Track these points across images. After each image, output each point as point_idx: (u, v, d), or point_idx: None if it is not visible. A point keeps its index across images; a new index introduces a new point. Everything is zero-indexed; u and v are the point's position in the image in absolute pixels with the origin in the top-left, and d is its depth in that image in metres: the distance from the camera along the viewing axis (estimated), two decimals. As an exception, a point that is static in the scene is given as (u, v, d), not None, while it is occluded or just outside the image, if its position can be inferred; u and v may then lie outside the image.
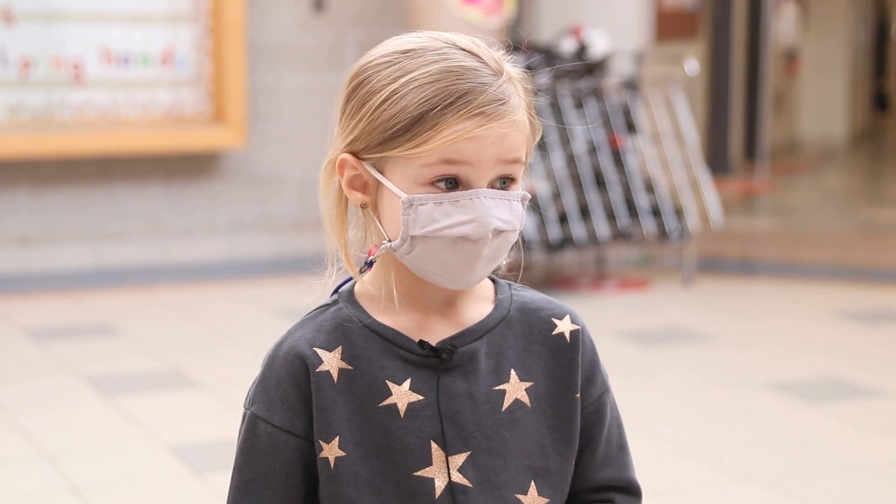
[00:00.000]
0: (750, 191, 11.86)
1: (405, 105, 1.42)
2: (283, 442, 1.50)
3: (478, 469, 1.50)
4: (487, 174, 1.44)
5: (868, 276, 7.54)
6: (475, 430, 1.50)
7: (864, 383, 5.23)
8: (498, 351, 1.53)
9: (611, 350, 5.85)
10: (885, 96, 21.29)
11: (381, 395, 1.49)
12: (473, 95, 1.42)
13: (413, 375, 1.50)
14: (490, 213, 1.44)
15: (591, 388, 1.59)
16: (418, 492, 1.48)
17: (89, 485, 4.05)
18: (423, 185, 1.44)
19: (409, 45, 1.47)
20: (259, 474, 1.51)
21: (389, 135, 1.43)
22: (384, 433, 1.49)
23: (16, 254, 7.28)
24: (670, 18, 9.82)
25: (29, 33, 7.18)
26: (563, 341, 1.56)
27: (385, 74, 1.45)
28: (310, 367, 1.50)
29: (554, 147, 7.08)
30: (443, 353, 1.49)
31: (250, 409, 1.53)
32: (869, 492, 4.05)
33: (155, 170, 7.56)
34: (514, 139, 1.45)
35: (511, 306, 1.56)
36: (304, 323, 1.55)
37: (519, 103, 1.46)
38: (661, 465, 4.28)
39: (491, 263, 1.48)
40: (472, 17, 7.42)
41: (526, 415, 1.53)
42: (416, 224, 1.44)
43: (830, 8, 16.86)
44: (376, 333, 1.51)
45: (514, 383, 1.53)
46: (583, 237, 7.02)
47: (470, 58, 1.45)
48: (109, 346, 5.85)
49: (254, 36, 7.70)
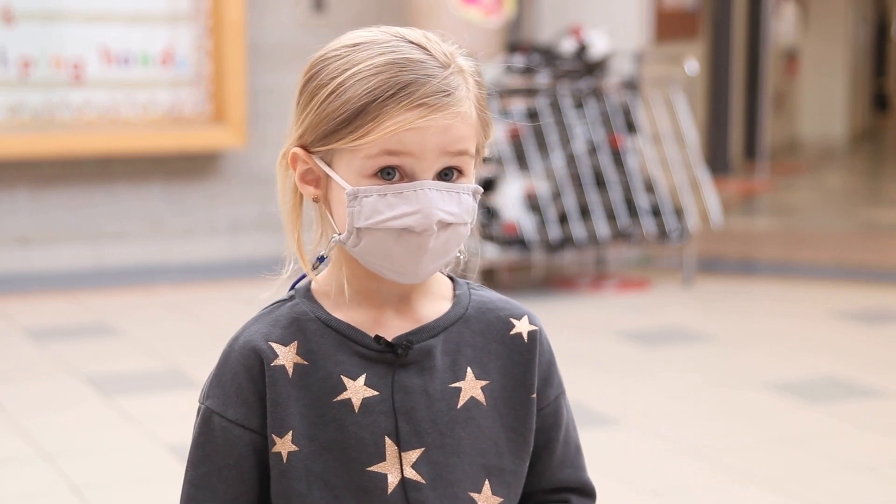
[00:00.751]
0: (750, 191, 11.86)
1: (349, 97, 1.43)
2: (238, 436, 1.50)
3: (431, 466, 1.50)
4: (431, 166, 1.44)
5: (868, 276, 7.54)
6: (429, 427, 1.50)
7: (864, 383, 5.23)
8: (455, 348, 1.53)
9: (611, 350, 5.85)
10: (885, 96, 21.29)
11: (336, 391, 1.49)
12: (416, 87, 1.42)
13: (368, 371, 1.50)
14: (434, 204, 1.43)
15: (549, 389, 1.58)
16: (371, 487, 1.48)
17: (89, 485, 4.05)
18: (367, 178, 1.44)
19: (358, 38, 1.48)
20: (214, 468, 1.51)
21: (333, 126, 1.44)
22: (338, 428, 1.49)
23: (16, 254, 7.28)
24: (670, 18, 9.82)
25: (29, 33, 7.19)
26: (520, 341, 1.56)
27: (333, 68, 1.46)
28: (265, 361, 1.50)
29: (554, 147, 7.08)
30: (398, 348, 1.50)
31: (205, 404, 1.53)
32: (869, 492, 4.05)
33: (155, 170, 7.56)
34: (458, 130, 1.45)
35: (469, 305, 1.56)
36: (260, 318, 1.55)
37: (466, 95, 1.46)
38: (661, 465, 4.28)
39: (440, 257, 1.47)
40: (472, 17, 7.43)
41: (481, 413, 1.53)
42: (360, 216, 1.44)
43: (830, 8, 16.86)
44: (332, 328, 1.51)
45: (470, 381, 1.53)
46: (583, 237, 7.02)
47: (417, 50, 1.45)
48: (109, 346, 5.85)
49: (254, 36, 7.70)
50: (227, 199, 7.74)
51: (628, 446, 4.50)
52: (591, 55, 7.33)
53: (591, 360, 5.65)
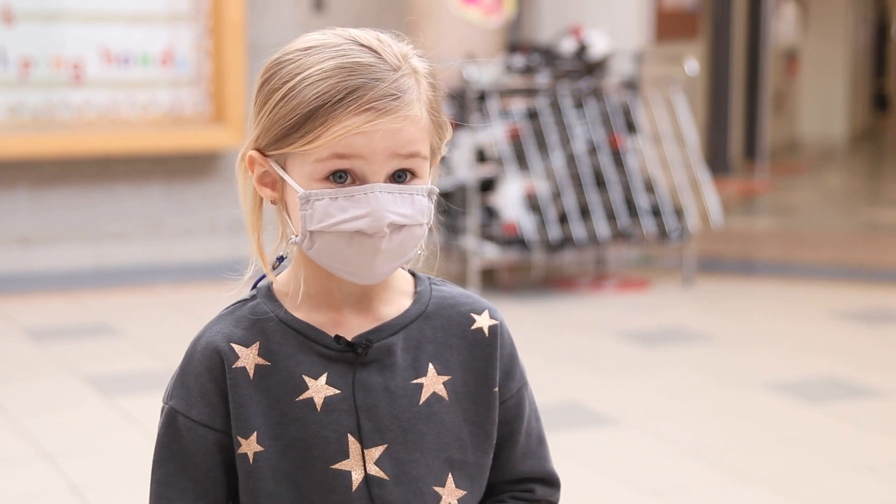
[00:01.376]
0: (750, 191, 11.86)
1: (299, 101, 1.45)
2: (202, 436, 1.52)
3: (394, 462, 1.51)
4: (382, 168, 1.45)
5: (868, 276, 7.54)
6: (392, 424, 1.51)
7: (864, 383, 5.23)
8: (416, 345, 1.54)
9: (611, 350, 5.85)
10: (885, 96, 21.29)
11: (298, 390, 1.51)
12: (364, 91, 1.44)
13: (329, 370, 1.52)
14: (385, 207, 1.44)
15: (510, 383, 1.60)
16: (335, 485, 1.50)
17: (89, 485, 4.05)
18: (319, 181, 1.46)
19: (311, 42, 1.49)
20: (181, 467, 1.53)
21: (285, 131, 1.46)
22: (301, 427, 1.50)
23: (16, 254, 7.28)
24: (670, 18, 9.82)
25: (29, 33, 7.19)
26: (481, 336, 1.58)
27: (285, 72, 1.48)
28: (226, 362, 1.52)
29: (554, 147, 7.08)
30: (358, 347, 1.51)
31: (169, 404, 1.55)
32: (869, 492, 4.05)
33: (155, 170, 7.56)
34: (408, 133, 1.45)
35: (430, 301, 1.57)
36: (221, 318, 1.57)
37: (417, 98, 1.47)
38: (661, 465, 4.28)
39: (395, 259, 1.49)
40: (472, 17, 7.43)
41: (443, 408, 1.54)
42: (312, 219, 1.46)
43: (830, 8, 16.86)
44: (292, 329, 1.53)
45: (432, 377, 1.54)
46: (583, 237, 7.02)
47: (367, 53, 1.47)
48: (109, 346, 5.85)
49: (254, 36, 7.70)
50: (227, 199, 7.74)
51: (628, 446, 4.50)
52: (591, 55, 7.33)
53: (591, 360, 5.65)
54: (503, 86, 7.10)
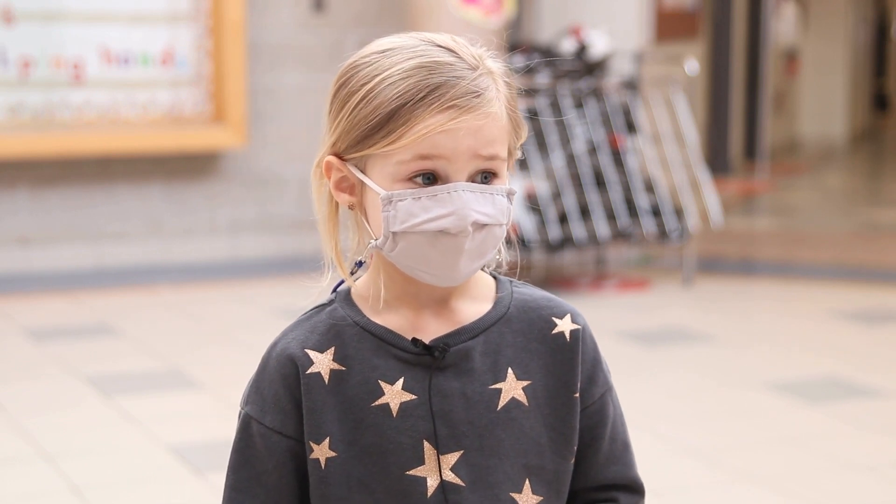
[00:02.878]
0: (750, 191, 11.86)
1: (380, 102, 1.43)
2: (275, 443, 1.51)
3: (470, 468, 1.50)
4: (464, 168, 1.44)
5: (868, 276, 7.54)
6: (468, 430, 1.50)
7: (864, 383, 5.23)
8: (495, 349, 1.53)
9: (611, 350, 5.86)
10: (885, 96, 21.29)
11: (374, 395, 1.50)
12: (446, 89, 1.43)
13: (406, 374, 1.50)
14: (469, 206, 1.43)
15: (593, 388, 1.58)
16: (410, 491, 1.49)
17: (89, 485, 4.05)
18: (401, 182, 1.44)
19: (387, 45, 1.49)
20: (254, 473, 1.53)
21: (365, 132, 1.45)
22: (376, 433, 1.49)
23: (16, 254, 7.28)
24: (670, 18, 9.82)
25: (29, 33, 7.18)
26: (562, 340, 1.56)
27: (363, 74, 1.46)
28: (300, 369, 1.51)
29: (554, 147, 7.08)
30: (435, 351, 1.50)
31: (245, 409, 1.54)
32: (869, 492, 4.05)
33: (155, 170, 7.56)
34: (490, 131, 1.45)
35: (511, 304, 1.55)
36: (298, 324, 1.56)
37: (496, 96, 1.47)
38: (661, 465, 4.28)
39: (477, 259, 1.48)
40: (472, 17, 7.43)
41: (522, 413, 1.52)
42: (395, 220, 1.45)
43: (830, 8, 16.86)
44: (369, 333, 1.51)
45: (511, 382, 1.53)
46: (583, 237, 7.02)
47: (445, 53, 1.46)
48: (109, 346, 5.85)
49: (254, 36, 7.70)
50: (227, 199, 7.74)
51: (628, 446, 4.49)
52: (591, 55, 7.33)
53: (591, 360, 5.65)
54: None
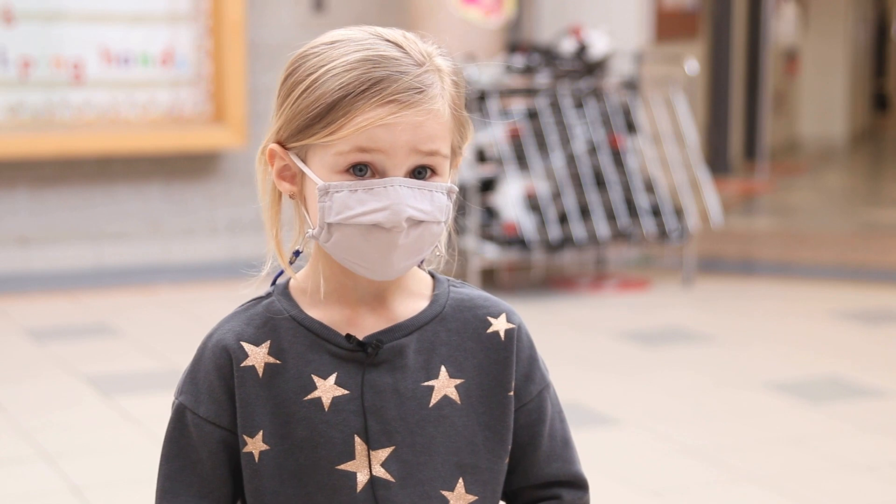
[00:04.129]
0: (750, 191, 11.86)
1: (322, 92, 1.44)
2: (209, 433, 1.52)
3: (401, 464, 1.51)
4: (402, 163, 1.45)
5: (868, 276, 7.54)
6: (399, 426, 1.51)
7: (864, 383, 5.23)
8: (429, 347, 1.53)
9: (611, 350, 5.85)
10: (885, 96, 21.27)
11: (306, 389, 1.51)
12: (388, 83, 1.43)
13: (339, 370, 1.51)
14: (404, 201, 1.44)
15: (530, 386, 1.58)
16: (340, 485, 1.50)
17: (89, 485, 4.05)
18: (340, 174, 1.45)
19: (336, 36, 1.50)
20: (188, 463, 1.53)
21: (307, 122, 1.46)
22: (308, 426, 1.50)
23: (16, 254, 7.28)
24: (670, 18, 9.82)
25: (29, 33, 7.18)
26: (497, 340, 1.57)
27: (310, 65, 1.47)
28: (234, 361, 1.52)
29: (554, 147, 7.08)
30: (368, 347, 1.50)
31: (178, 399, 1.55)
32: (869, 492, 4.05)
33: (155, 170, 7.56)
34: (430, 128, 1.45)
35: (447, 303, 1.56)
36: (235, 315, 1.57)
37: (440, 94, 1.47)
38: (661, 465, 4.28)
39: (412, 256, 1.48)
40: (472, 17, 7.42)
41: (454, 411, 1.53)
42: (331, 211, 1.45)
43: (830, 8, 16.85)
44: (304, 327, 1.52)
45: (444, 380, 1.53)
46: (583, 237, 7.02)
47: (392, 48, 1.47)
48: (109, 345, 5.85)
49: (254, 36, 7.70)
50: (227, 199, 7.74)
51: (628, 446, 4.50)
52: (591, 55, 7.33)
53: (591, 360, 5.65)
54: (503, 86, 7.10)
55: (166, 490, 1.54)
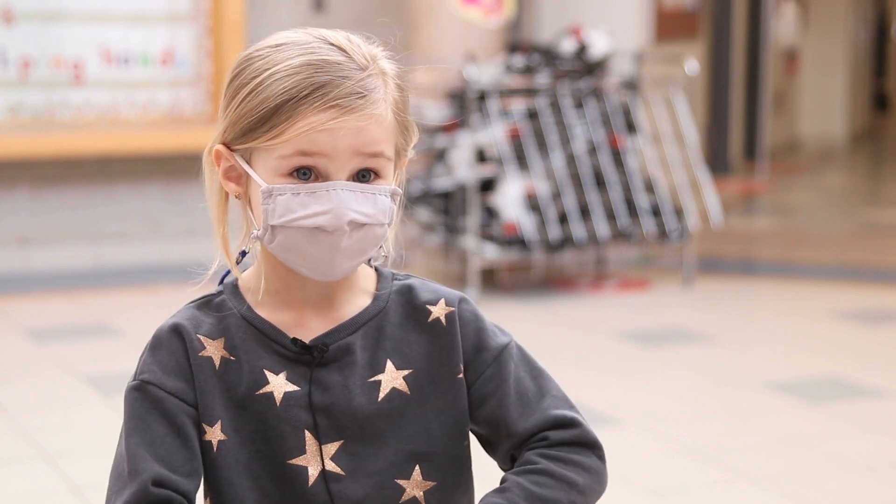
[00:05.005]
0: (750, 191, 11.86)
1: (266, 96, 1.47)
2: (177, 406, 1.52)
3: (350, 457, 1.53)
4: (345, 166, 1.47)
5: (868, 276, 7.54)
6: (349, 421, 1.53)
7: (864, 383, 5.23)
8: (374, 343, 1.56)
9: (611, 350, 5.85)
10: (885, 96, 21.27)
11: (259, 384, 1.53)
12: (330, 88, 1.45)
13: (288, 369, 1.54)
14: (346, 205, 1.46)
15: (482, 354, 1.59)
16: (292, 479, 1.52)
17: (89, 485, 4.05)
18: (283, 177, 1.48)
19: (281, 39, 1.52)
20: (157, 437, 1.51)
21: (251, 125, 1.48)
22: (260, 420, 1.52)
23: (16, 254, 7.28)
24: (670, 18, 9.82)
25: (29, 33, 7.19)
26: (439, 325, 1.58)
27: (254, 68, 1.50)
28: (191, 350, 1.54)
29: (554, 147, 7.08)
30: (315, 350, 1.53)
31: (139, 378, 1.54)
32: (869, 492, 4.05)
33: (155, 170, 7.56)
34: (372, 133, 1.47)
35: (390, 298, 1.59)
36: (187, 309, 1.60)
37: (383, 98, 1.49)
38: (661, 465, 4.29)
39: (355, 257, 1.50)
40: (472, 17, 7.43)
41: (405, 402, 1.55)
42: (274, 214, 1.48)
43: (830, 8, 16.85)
44: (254, 326, 1.55)
45: (391, 373, 1.55)
46: (583, 237, 7.02)
47: (335, 52, 1.48)
48: (109, 345, 5.85)
49: (254, 36, 7.70)
50: (227, 199, 7.73)
51: (628, 446, 4.49)
52: (591, 55, 7.33)
53: (591, 360, 5.65)
54: (503, 86, 7.10)
55: (135, 470, 1.51)
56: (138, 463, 1.50)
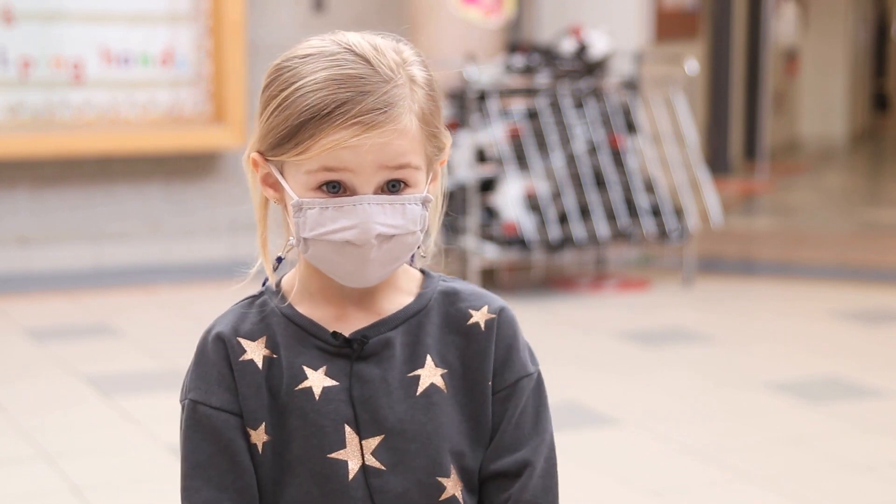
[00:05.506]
0: (750, 191, 11.86)
1: (290, 112, 1.48)
2: (224, 421, 1.55)
3: (391, 452, 1.54)
4: (371, 180, 1.48)
5: (868, 276, 7.54)
6: (389, 415, 1.54)
7: (864, 383, 5.23)
8: (415, 340, 1.57)
9: (611, 350, 5.85)
10: (885, 96, 21.27)
11: (298, 379, 1.55)
12: (351, 105, 1.46)
13: (328, 363, 1.55)
14: (373, 218, 1.48)
15: (506, 373, 1.60)
16: (332, 474, 1.53)
17: (89, 485, 4.05)
18: (312, 190, 1.50)
19: (308, 49, 1.52)
20: (205, 457, 1.55)
21: (278, 139, 1.50)
22: (300, 416, 1.54)
23: (16, 254, 7.28)
24: (670, 18, 9.82)
25: (29, 33, 7.18)
26: (477, 330, 1.60)
27: (283, 79, 1.51)
28: (232, 356, 1.56)
29: (554, 147, 7.08)
30: (354, 343, 1.54)
31: (187, 398, 1.57)
32: (869, 492, 4.05)
33: (155, 170, 7.56)
34: (397, 146, 1.48)
35: (433, 298, 1.60)
36: (230, 312, 1.61)
37: (409, 108, 1.49)
38: (661, 465, 4.28)
39: (388, 265, 1.52)
40: (472, 17, 7.42)
41: (442, 399, 1.56)
42: (305, 227, 1.50)
43: (830, 8, 16.85)
44: (294, 323, 1.57)
45: (430, 368, 1.57)
46: (583, 237, 7.02)
47: (360, 64, 1.49)
48: (109, 345, 5.85)
49: (254, 36, 7.70)
50: (227, 199, 7.73)
51: (628, 446, 4.50)
52: (591, 55, 7.33)
53: (591, 360, 5.65)
54: (503, 86, 7.10)
55: (187, 489, 1.56)
56: (191, 496, 1.55)
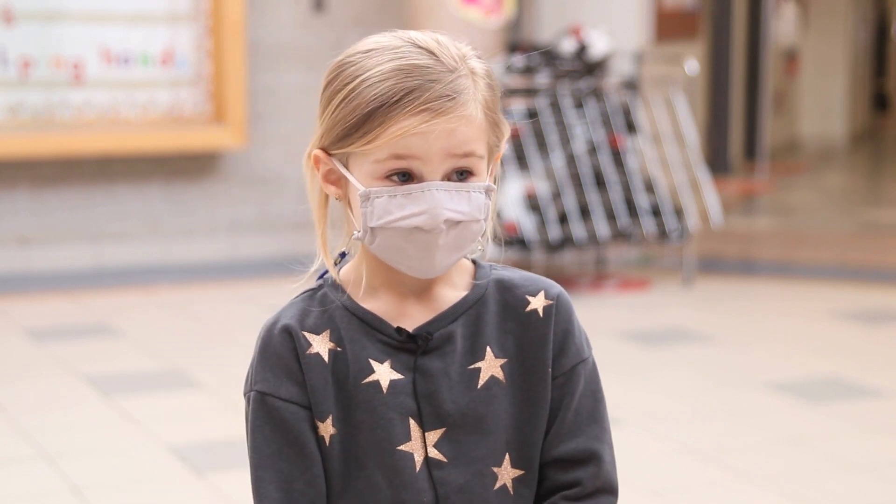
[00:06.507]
0: (750, 191, 11.86)
1: (358, 103, 1.51)
2: (293, 413, 1.57)
3: (452, 444, 1.57)
4: (439, 168, 1.51)
5: (868, 276, 7.54)
6: (451, 408, 1.57)
7: (864, 383, 5.23)
8: (474, 331, 1.59)
9: (611, 350, 5.85)
10: (885, 96, 21.27)
11: (365, 373, 1.57)
12: (420, 92, 1.49)
13: (392, 357, 1.58)
14: (442, 204, 1.51)
15: (563, 359, 1.63)
16: (400, 466, 1.56)
17: (89, 485, 4.05)
18: (379, 180, 1.52)
19: (371, 45, 1.55)
20: (275, 448, 1.57)
21: (345, 131, 1.52)
22: (368, 409, 1.56)
23: (16, 254, 7.28)
24: (670, 18, 9.82)
25: (29, 33, 7.18)
26: (535, 317, 1.62)
27: (346, 74, 1.54)
28: (300, 348, 1.57)
29: (554, 147, 7.08)
30: (419, 339, 1.57)
31: (254, 389, 1.58)
32: (869, 492, 4.05)
33: (155, 170, 7.56)
34: (464, 133, 1.51)
35: (489, 287, 1.63)
36: (292, 305, 1.62)
37: (473, 97, 1.53)
38: (661, 465, 4.29)
39: (454, 252, 1.55)
40: (473, 17, 7.42)
41: (501, 390, 1.59)
42: (373, 216, 1.53)
43: (830, 8, 16.85)
44: (357, 317, 1.59)
45: (490, 360, 1.59)
46: (583, 237, 7.02)
47: (424, 55, 1.52)
48: (109, 345, 5.85)
49: (254, 36, 7.70)
50: (227, 199, 7.74)
51: (628, 446, 4.49)
52: (591, 55, 7.33)
53: (591, 360, 5.65)
54: (503, 86, 7.08)
55: (258, 480, 1.57)
56: (261, 487, 1.57)
